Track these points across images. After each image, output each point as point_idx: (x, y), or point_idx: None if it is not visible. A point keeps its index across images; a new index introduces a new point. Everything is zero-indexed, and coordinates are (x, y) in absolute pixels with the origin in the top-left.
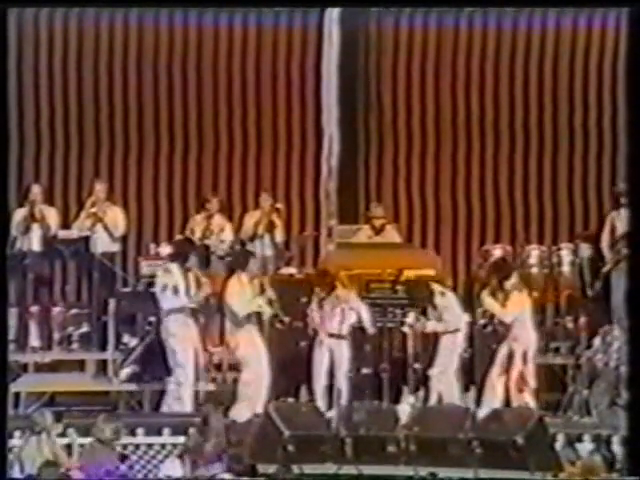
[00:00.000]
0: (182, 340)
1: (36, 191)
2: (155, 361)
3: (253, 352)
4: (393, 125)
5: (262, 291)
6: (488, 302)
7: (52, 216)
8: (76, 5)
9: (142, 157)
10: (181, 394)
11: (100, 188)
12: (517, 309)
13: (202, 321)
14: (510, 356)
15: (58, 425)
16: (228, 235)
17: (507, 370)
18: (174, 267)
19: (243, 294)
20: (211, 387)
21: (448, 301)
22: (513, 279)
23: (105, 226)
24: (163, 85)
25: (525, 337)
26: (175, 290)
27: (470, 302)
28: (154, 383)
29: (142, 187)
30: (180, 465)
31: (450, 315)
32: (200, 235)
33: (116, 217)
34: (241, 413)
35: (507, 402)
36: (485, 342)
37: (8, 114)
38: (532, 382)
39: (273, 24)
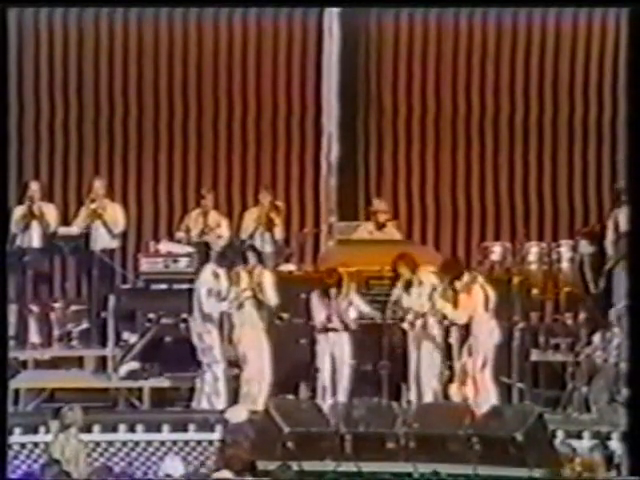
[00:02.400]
0: (215, 337)
1: (35, 188)
2: (155, 358)
3: (255, 349)
4: (393, 122)
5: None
6: (440, 304)
7: (51, 213)
8: (76, 5)
9: (142, 154)
10: (218, 389)
11: (99, 185)
12: (468, 310)
13: None
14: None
15: (55, 422)
16: (225, 231)
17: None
18: (221, 272)
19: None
20: None
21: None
22: (465, 278)
23: (104, 223)
24: (163, 83)
25: (478, 333)
26: (219, 294)
27: None
28: (153, 380)
29: (142, 184)
30: (180, 462)
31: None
32: (198, 232)
33: (115, 214)
34: (237, 414)
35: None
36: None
37: (8, 112)
38: (486, 377)
39: (273, 22)
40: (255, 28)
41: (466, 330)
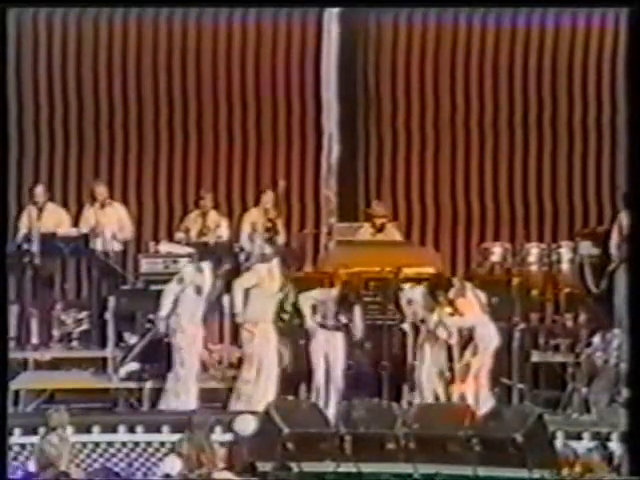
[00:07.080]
0: (190, 337)
1: (37, 190)
2: (155, 359)
3: (266, 347)
4: (392, 123)
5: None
6: (445, 319)
7: (52, 214)
8: (75, 5)
9: (142, 154)
10: (179, 391)
11: (101, 187)
12: (470, 312)
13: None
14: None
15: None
16: (224, 231)
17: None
18: (206, 267)
19: None
20: (213, 384)
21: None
22: (456, 284)
23: (109, 227)
24: (162, 84)
25: (483, 336)
26: (198, 290)
27: None
28: (153, 381)
29: (142, 184)
30: (179, 463)
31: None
32: (197, 233)
33: (121, 217)
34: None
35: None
36: None
37: (8, 114)
38: (483, 376)
39: (272, 23)
40: (254, 28)
41: (469, 333)
